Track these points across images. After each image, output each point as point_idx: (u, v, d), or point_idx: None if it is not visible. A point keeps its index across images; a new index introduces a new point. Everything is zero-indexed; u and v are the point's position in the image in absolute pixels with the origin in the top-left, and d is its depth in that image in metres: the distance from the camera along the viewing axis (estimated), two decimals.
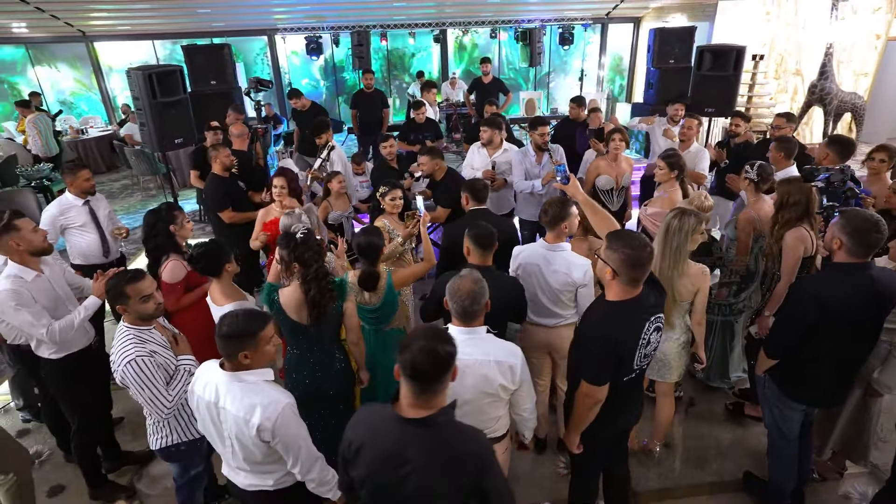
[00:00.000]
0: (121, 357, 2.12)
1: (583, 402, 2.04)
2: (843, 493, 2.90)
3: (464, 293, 1.89)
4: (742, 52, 4.88)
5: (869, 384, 2.55)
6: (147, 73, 3.95)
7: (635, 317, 1.97)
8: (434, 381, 1.46)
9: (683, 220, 2.56)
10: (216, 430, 1.88)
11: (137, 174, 8.33)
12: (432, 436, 1.47)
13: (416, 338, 1.49)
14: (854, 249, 2.18)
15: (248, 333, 1.77)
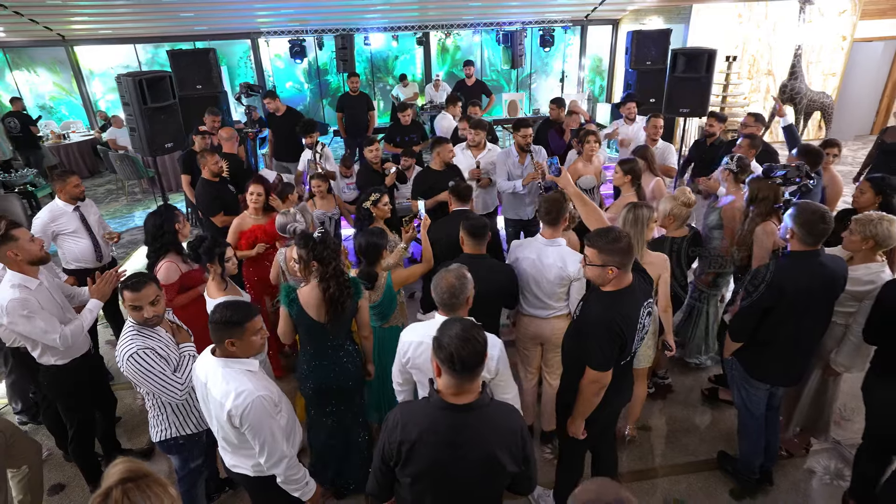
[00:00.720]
0: (123, 353, 2.21)
1: (589, 389, 2.16)
2: (809, 468, 3.11)
3: (443, 287, 2.02)
4: (713, 54, 5.10)
5: (827, 364, 2.75)
6: (137, 79, 4.02)
7: (632, 303, 2.11)
8: (477, 368, 1.55)
9: (637, 213, 2.72)
10: (206, 410, 2.03)
11: (122, 178, 8.31)
12: (482, 417, 1.58)
13: (448, 331, 1.55)
14: (805, 238, 2.39)
15: (236, 322, 1.89)
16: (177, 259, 2.99)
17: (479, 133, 4.61)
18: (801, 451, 3.18)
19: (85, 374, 2.80)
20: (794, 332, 2.51)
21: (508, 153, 4.61)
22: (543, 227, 2.85)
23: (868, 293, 2.56)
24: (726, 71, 8.66)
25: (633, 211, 2.76)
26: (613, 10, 10.80)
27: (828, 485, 3.00)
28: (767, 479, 2.95)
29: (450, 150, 4.29)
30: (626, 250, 2.03)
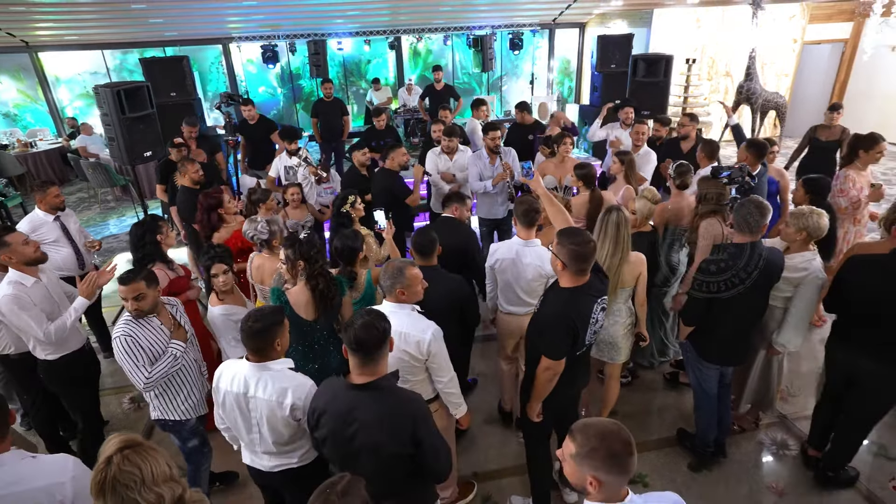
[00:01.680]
0: (114, 334, 2.42)
1: (543, 375, 2.35)
2: (759, 441, 3.41)
3: (388, 272, 2.30)
4: (671, 59, 5.42)
5: (770, 344, 3.04)
6: (115, 89, 4.09)
7: (585, 300, 2.28)
8: (374, 352, 1.80)
9: (619, 216, 2.91)
10: (244, 419, 2.12)
11: (95, 186, 8.24)
12: (377, 397, 1.81)
13: (357, 317, 1.84)
14: (745, 229, 2.66)
15: (279, 322, 2.06)
16: (163, 267, 3.11)
17: (453, 140, 4.82)
18: (752, 426, 3.47)
19: (79, 371, 2.93)
20: (737, 315, 2.78)
21: (479, 155, 4.83)
22: (519, 228, 3.04)
23: (803, 279, 2.85)
24: (686, 73, 9.05)
25: (615, 214, 2.88)
26: (580, 14, 11.14)
27: (775, 454, 3.30)
28: (721, 452, 3.23)
29: (403, 152, 4.51)
30: (590, 253, 2.21)
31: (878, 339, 2.67)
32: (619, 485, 1.42)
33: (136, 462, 1.40)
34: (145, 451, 1.43)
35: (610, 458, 1.39)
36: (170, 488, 1.42)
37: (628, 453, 1.39)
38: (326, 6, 9.36)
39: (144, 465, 1.40)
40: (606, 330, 3.04)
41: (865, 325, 2.70)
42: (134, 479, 1.38)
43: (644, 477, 3.17)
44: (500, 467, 3.24)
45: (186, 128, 5.31)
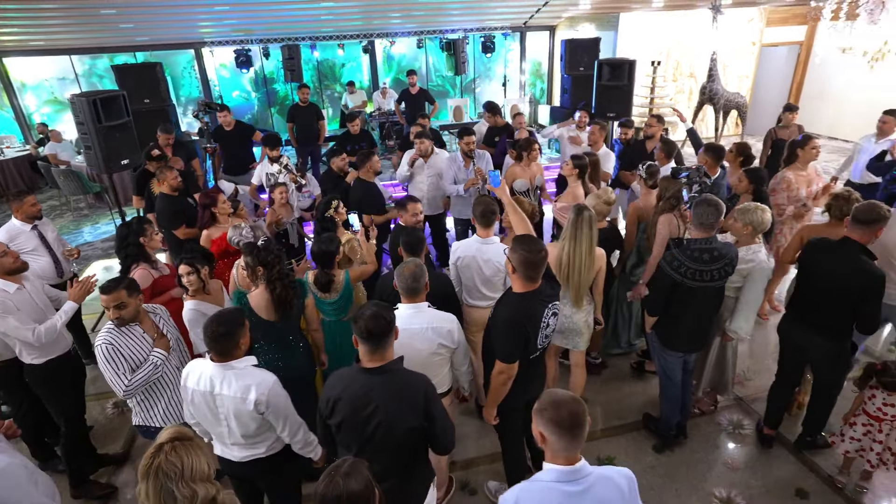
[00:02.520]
0: (96, 342, 2.51)
1: (497, 379, 2.44)
2: (717, 422, 3.65)
3: (408, 274, 2.40)
4: (633, 64, 5.67)
5: (724, 331, 3.28)
6: (91, 98, 4.12)
7: (536, 305, 2.38)
8: (382, 339, 1.96)
9: (585, 214, 3.06)
10: (212, 414, 2.23)
11: (66, 194, 8.15)
12: (387, 379, 1.97)
13: (365, 309, 1.99)
14: (701, 226, 2.88)
15: (241, 324, 2.17)
16: (147, 266, 3.20)
17: (424, 142, 4.98)
18: (711, 409, 3.72)
19: (66, 374, 3.00)
20: (696, 306, 3.01)
21: (455, 158, 5.01)
22: (478, 227, 3.23)
23: (751, 270, 3.09)
24: (652, 75, 9.39)
25: (582, 212, 3.04)
26: (549, 18, 11.42)
27: (731, 434, 3.55)
28: (682, 433, 3.46)
29: (376, 160, 4.64)
30: (540, 261, 2.31)
31: (829, 320, 2.93)
32: (565, 449, 1.57)
33: (181, 455, 1.52)
34: (192, 448, 1.54)
35: (553, 422, 1.55)
36: (205, 487, 1.53)
37: (572, 424, 1.54)
38: (299, 11, 9.42)
39: (187, 460, 1.52)
40: (570, 318, 3.23)
41: (818, 307, 2.96)
42: (175, 470, 1.50)
43: (612, 459, 3.37)
44: (477, 455, 3.41)
45: (163, 135, 5.34)
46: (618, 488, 1.61)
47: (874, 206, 2.81)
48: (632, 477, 1.67)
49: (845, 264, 2.78)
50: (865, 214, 2.78)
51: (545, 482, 1.60)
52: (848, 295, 2.79)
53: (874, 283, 2.72)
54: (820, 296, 2.92)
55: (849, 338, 2.99)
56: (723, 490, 3.11)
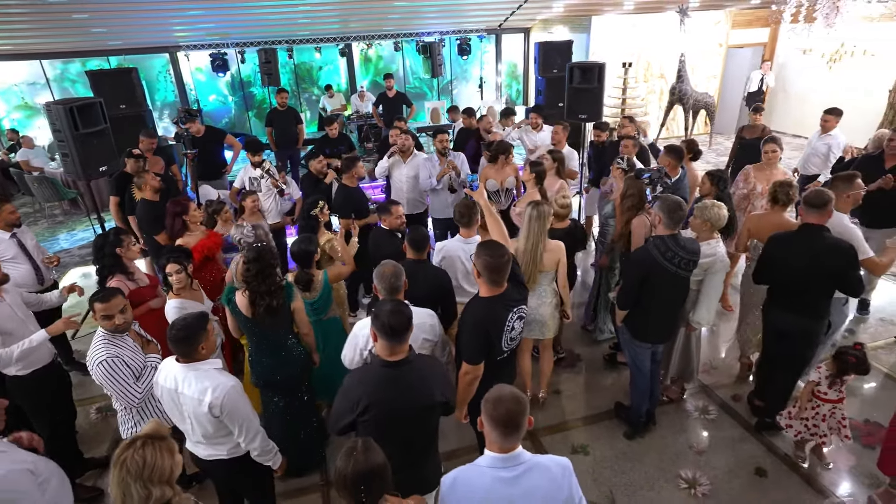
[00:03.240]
0: (93, 359, 2.50)
1: (463, 379, 2.54)
2: (684, 409, 3.85)
3: (388, 273, 2.50)
4: (603, 67, 5.85)
5: (688, 322, 3.48)
6: (68, 106, 4.14)
7: (500, 309, 2.48)
8: (404, 334, 2.05)
9: (540, 209, 3.29)
10: (178, 411, 2.31)
11: (41, 201, 8.05)
12: (412, 369, 2.08)
13: (383, 307, 2.04)
14: (668, 223, 3.05)
15: (202, 329, 2.24)
16: (123, 278, 3.25)
17: (407, 138, 5.18)
18: (678, 396, 3.92)
19: (51, 384, 3.02)
20: (663, 299, 3.19)
21: (431, 159, 5.17)
22: (461, 228, 3.42)
23: (711, 264, 3.29)
24: (624, 76, 9.64)
25: (535, 208, 3.30)
26: (524, 20, 11.62)
27: (697, 419, 3.75)
28: (651, 421, 3.65)
29: (360, 166, 4.74)
30: (503, 266, 2.43)
31: (799, 300, 3.21)
32: (499, 441, 1.69)
33: (146, 455, 1.56)
34: (160, 448, 1.58)
35: (490, 417, 1.68)
36: (161, 489, 1.56)
37: (507, 421, 1.65)
38: (275, 15, 9.43)
39: (150, 460, 1.56)
40: (536, 310, 3.41)
41: (789, 290, 3.26)
42: (136, 468, 1.55)
43: (586, 447, 3.54)
44: (458, 447, 3.54)
45: (145, 140, 5.35)
46: (550, 475, 1.73)
47: (820, 191, 3.12)
48: (567, 465, 1.79)
49: (815, 247, 3.04)
50: (816, 199, 3.08)
51: (481, 466, 1.73)
52: (828, 273, 3.06)
53: (848, 252, 3.01)
54: (799, 282, 3.17)
55: (827, 316, 3.28)
56: (688, 472, 3.31)
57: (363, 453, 1.56)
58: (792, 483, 3.20)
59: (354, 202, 4.63)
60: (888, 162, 4.33)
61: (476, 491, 1.70)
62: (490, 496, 1.68)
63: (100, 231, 5.28)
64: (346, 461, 1.55)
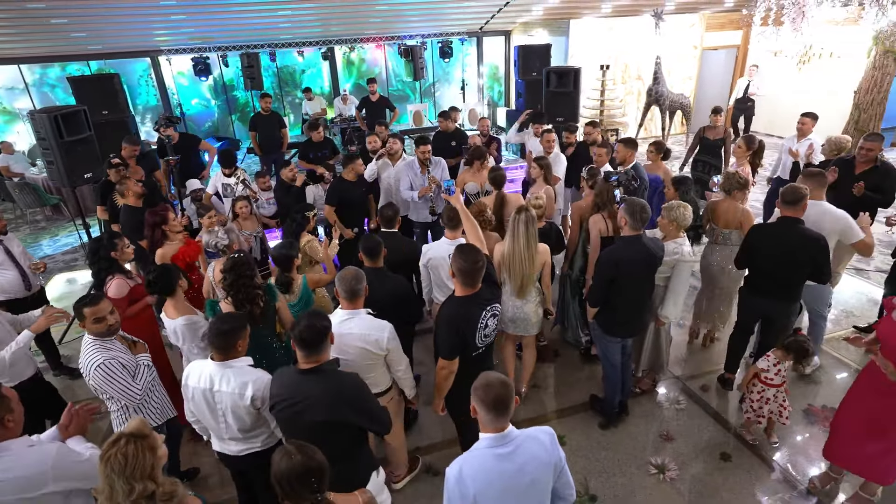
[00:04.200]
0: (89, 364, 2.57)
1: (439, 374, 2.70)
2: (656, 399, 4.04)
3: (349, 277, 2.63)
4: (579, 71, 6.07)
5: (657, 316, 3.67)
6: (52, 114, 4.20)
7: (473, 308, 2.62)
8: (316, 345, 2.19)
9: (526, 215, 3.41)
10: (210, 410, 2.42)
11: (22, 207, 8.01)
12: (320, 378, 2.21)
13: (302, 318, 2.22)
14: (633, 224, 3.22)
15: (243, 327, 2.40)
16: (122, 277, 3.35)
17: (396, 143, 5.37)
18: (650, 387, 4.11)
19: (37, 393, 3.09)
20: (630, 296, 3.36)
21: (412, 164, 5.28)
22: (446, 230, 3.55)
23: (677, 261, 3.48)
24: (601, 78, 9.87)
25: (524, 213, 3.39)
26: (504, 23, 11.80)
27: (668, 409, 3.95)
28: (624, 411, 3.83)
29: (360, 163, 4.89)
30: (476, 270, 2.58)
31: (777, 285, 3.53)
32: (492, 422, 1.85)
33: (127, 453, 1.64)
34: (140, 447, 1.67)
35: (482, 401, 1.83)
36: (143, 484, 1.65)
37: (496, 404, 1.81)
38: (257, 18, 9.48)
39: (132, 459, 1.64)
40: (521, 308, 3.56)
41: (767, 276, 3.56)
42: (119, 465, 1.64)
43: (562, 438, 3.70)
44: (440, 440, 3.69)
45: (128, 147, 5.41)
46: (541, 444, 1.92)
47: (794, 188, 3.41)
48: (551, 432, 1.98)
49: (791, 238, 3.37)
50: (790, 196, 3.39)
51: (481, 449, 1.88)
52: (802, 260, 3.38)
53: (820, 244, 3.33)
54: (775, 268, 3.49)
55: (798, 299, 3.65)
56: (658, 458, 3.49)
57: (299, 453, 1.69)
58: (753, 466, 3.41)
59: (343, 193, 4.77)
60: (858, 168, 4.47)
61: (482, 471, 1.84)
62: (495, 470, 1.83)
63: (85, 236, 5.34)
64: (281, 460, 1.69)
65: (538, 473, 1.89)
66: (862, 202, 4.24)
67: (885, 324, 2.62)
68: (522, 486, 1.86)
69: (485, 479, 1.83)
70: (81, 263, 6.75)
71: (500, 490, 1.83)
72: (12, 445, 1.92)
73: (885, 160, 4.48)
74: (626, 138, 4.76)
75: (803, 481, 3.28)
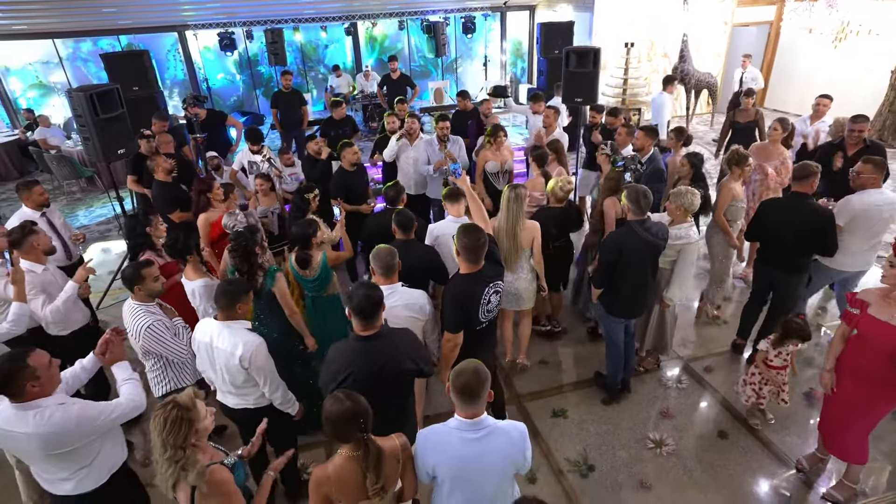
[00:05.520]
0: (138, 326, 2.83)
1: (445, 346, 2.83)
2: (658, 378, 4.17)
3: (384, 254, 2.80)
4: (598, 52, 5.98)
5: (662, 299, 3.77)
6: (88, 93, 4.42)
7: (477, 284, 2.77)
8: (374, 313, 2.35)
9: (517, 192, 3.58)
10: (210, 364, 2.68)
11: (59, 178, 8.40)
12: (385, 341, 2.38)
13: (358, 289, 2.36)
14: (635, 210, 3.32)
15: (245, 290, 2.62)
16: (153, 254, 3.60)
17: (414, 122, 5.46)
18: (654, 367, 4.24)
19: (87, 344, 3.39)
20: (633, 278, 3.47)
21: (431, 141, 5.42)
22: (449, 209, 3.71)
23: (683, 245, 3.56)
24: (625, 56, 9.69)
25: (514, 190, 3.58)
26: None
27: (671, 388, 4.07)
28: (626, 388, 3.98)
29: (354, 151, 4.95)
30: (479, 247, 2.72)
31: (784, 257, 3.76)
32: (461, 407, 1.98)
33: (168, 418, 1.82)
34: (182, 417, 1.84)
35: (453, 387, 1.97)
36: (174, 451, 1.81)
37: (464, 391, 1.93)
38: None
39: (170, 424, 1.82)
40: (512, 284, 3.73)
41: (776, 249, 3.81)
42: (160, 426, 1.84)
43: (565, 411, 3.88)
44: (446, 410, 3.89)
45: (157, 122, 5.63)
46: (509, 438, 2.04)
47: (805, 164, 3.64)
48: (523, 429, 2.09)
49: (800, 211, 3.60)
50: (799, 171, 3.63)
51: (450, 428, 2.02)
52: (808, 234, 3.60)
53: (827, 219, 3.57)
54: (786, 242, 3.70)
55: (807, 272, 3.86)
56: (657, 434, 3.64)
57: (347, 398, 1.89)
58: (749, 445, 3.53)
59: (351, 186, 4.94)
60: (850, 149, 4.56)
61: (445, 447, 2.00)
62: (457, 452, 1.99)
63: (119, 208, 5.63)
64: (331, 404, 1.89)
65: (497, 465, 2.03)
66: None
67: (864, 319, 2.71)
68: (478, 471, 2.01)
69: (443, 456, 1.99)
70: (115, 234, 7.10)
71: (455, 469, 2.00)
72: (43, 403, 2.13)
73: (873, 139, 4.67)
74: (647, 126, 4.76)
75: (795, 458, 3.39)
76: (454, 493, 2.04)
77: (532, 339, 4.34)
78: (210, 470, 1.90)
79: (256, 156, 5.30)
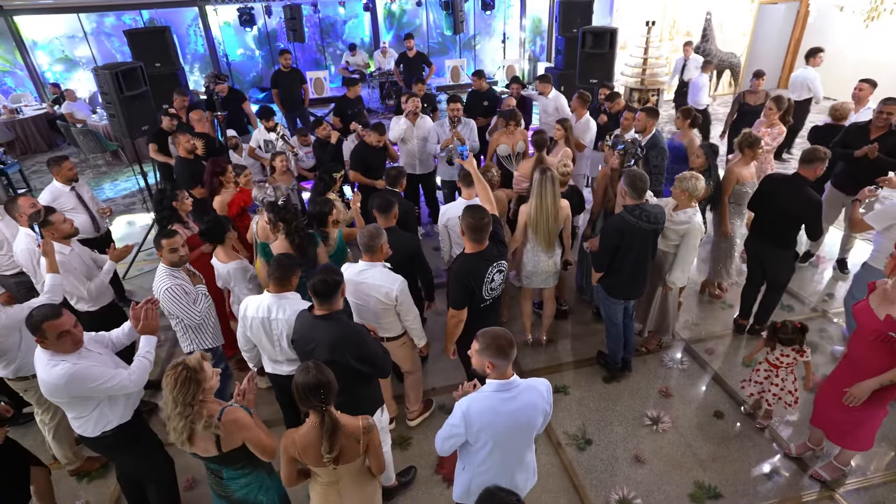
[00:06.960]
0: (160, 287, 3.08)
1: (450, 322, 2.98)
2: (660, 359, 4.27)
3: (365, 233, 2.93)
4: (615, 33, 5.96)
5: (664, 282, 3.85)
6: (114, 71, 4.59)
7: (481, 263, 2.90)
8: (328, 296, 2.48)
9: (546, 174, 3.64)
10: (267, 337, 2.83)
11: (85, 152, 8.66)
12: (329, 324, 2.51)
13: (317, 272, 2.49)
14: (632, 195, 3.38)
15: (297, 266, 2.81)
16: (180, 226, 3.80)
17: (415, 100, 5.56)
18: (656, 348, 4.34)
19: (115, 320, 3.62)
20: (633, 261, 3.54)
21: (442, 124, 5.48)
22: (463, 189, 3.85)
23: (687, 230, 3.62)
24: (646, 35, 9.52)
25: (544, 173, 3.64)
26: None
27: (671, 369, 4.18)
28: (627, 368, 4.09)
29: (381, 133, 5.07)
30: (483, 227, 2.82)
31: (777, 233, 3.90)
32: (505, 367, 2.14)
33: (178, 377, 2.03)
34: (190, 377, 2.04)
35: (498, 349, 2.10)
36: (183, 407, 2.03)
37: (509, 346, 2.10)
38: None
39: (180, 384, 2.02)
40: (545, 262, 3.86)
41: (770, 224, 3.94)
42: (171, 385, 2.05)
43: (566, 388, 4.02)
44: (452, 383, 4.06)
45: (178, 98, 5.79)
46: (539, 393, 2.21)
47: (813, 149, 3.70)
48: (548, 384, 2.26)
49: (795, 193, 3.72)
50: (807, 155, 3.70)
51: (487, 392, 2.17)
52: (796, 216, 3.77)
53: (814, 206, 3.72)
54: (775, 217, 3.88)
55: (794, 247, 3.96)
56: (654, 412, 3.77)
57: (315, 369, 2.06)
58: (744, 426, 3.64)
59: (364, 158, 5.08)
60: (873, 133, 4.50)
61: (487, 410, 2.15)
62: (498, 410, 2.14)
63: (142, 182, 5.85)
64: (301, 374, 2.06)
65: (532, 417, 2.19)
66: (877, 165, 4.34)
67: (862, 308, 2.75)
68: (518, 425, 2.17)
69: (488, 417, 2.14)
70: (139, 207, 7.36)
71: (500, 427, 2.15)
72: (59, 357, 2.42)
73: None
74: (649, 107, 4.76)
75: (787, 441, 3.49)
76: (494, 452, 2.20)
77: (536, 318, 4.47)
78: (225, 412, 2.15)
79: (272, 133, 5.43)
